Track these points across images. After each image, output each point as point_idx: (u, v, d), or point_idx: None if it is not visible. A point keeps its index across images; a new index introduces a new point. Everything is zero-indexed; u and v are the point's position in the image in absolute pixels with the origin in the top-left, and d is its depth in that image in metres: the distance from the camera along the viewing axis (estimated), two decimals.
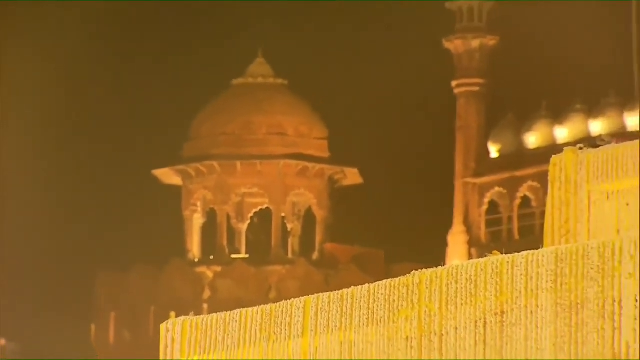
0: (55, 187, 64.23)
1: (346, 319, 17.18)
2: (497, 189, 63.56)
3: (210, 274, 63.39)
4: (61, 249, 64.71)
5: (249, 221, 65.62)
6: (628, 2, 52.21)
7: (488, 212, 63.75)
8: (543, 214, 20.45)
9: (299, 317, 17.58)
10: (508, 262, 16.16)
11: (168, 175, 65.89)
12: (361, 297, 17.21)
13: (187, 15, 68.77)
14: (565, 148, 20.39)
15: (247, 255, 64.91)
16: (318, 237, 65.45)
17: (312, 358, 17.36)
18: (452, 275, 16.66)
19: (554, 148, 27.20)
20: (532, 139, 62.25)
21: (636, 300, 14.99)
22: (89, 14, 64.15)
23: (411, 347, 16.55)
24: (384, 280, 17.34)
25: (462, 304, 16.26)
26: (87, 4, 62.80)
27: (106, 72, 67.85)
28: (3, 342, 61.92)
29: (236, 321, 18.25)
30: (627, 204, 18.89)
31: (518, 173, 61.82)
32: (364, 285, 17.47)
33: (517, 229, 61.01)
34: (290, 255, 64.92)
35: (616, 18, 54.84)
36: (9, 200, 60.25)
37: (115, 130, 65.25)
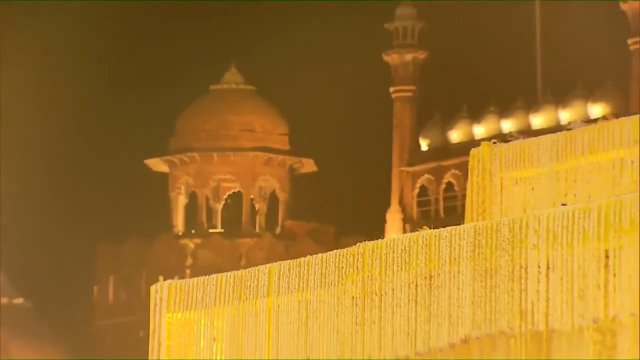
0: (60, 174, 63.76)
1: (303, 282, 17.14)
2: (426, 176, 63.55)
3: (192, 245, 63.29)
4: (68, 225, 64.38)
5: (223, 202, 65.47)
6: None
7: (419, 195, 63.71)
8: (464, 196, 20.42)
9: (265, 280, 17.53)
10: (435, 235, 16.16)
11: (157, 164, 65.76)
12: (315, 264, 17.18)
13: (172, 29, 68.43)
14: (482, 143, 20.36)
15: (222, 230, 64.74)
16: (280, 215, 65.38)
17: (275, 314, 17.31)
18: (390, 246, 16.63)
19: (473, 143, 27.18)
20: (455, 135, 62.25)
21: (539, 267, 14.97)
22: (88, 16, 63.34)
23: (356, 305, 16.49)
24: (334, 251, 17.29)
25: (397, 270, 16.22)
26: (87, 10, 61.67)
27: (103, 73, 67.39)
28: (21, 300, 61.69)
29: (213, 284, 18.19)
30: (532, 188, 18.88)
31: (443, 163, 61.81)
32: (317, 255, 17.42)
33: (442, 209, 60.97)
34: (257, 230, 64.82)
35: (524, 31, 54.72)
36: (16, 188, 59.88)
37: (111, 125, 64.98)
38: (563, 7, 55.15)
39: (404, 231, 56.48)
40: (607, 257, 14.61)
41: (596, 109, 56.01)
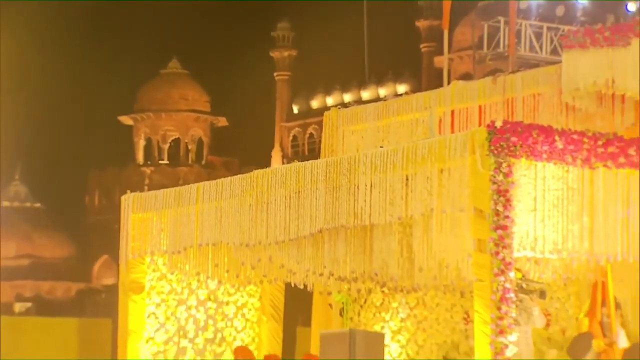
0: (60, 118, 62.22)
1: (218, 195, 16.96)
2: (296, 129, 63.72)
3: (148, 171, 63.08)
4: (69, 155, 63.55)
5: (168, 144, 65.22)
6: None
7: (292, 140, 63.89)
8: (320, 142, 20.35)
9: (194, 193, 17.37)
10: (302, 166, 16.06)
11: (125, 120, 65.52)
12: (226, 184, 17.08)
13: (137, 28, 67.24)
14: (331, 108, 20.36)
15: (167, 162, 64.54)
16: (204, 153, 65.27)
17: (200, 215, 17.17)
18: (273, 172, 16.55)
19: (326, 108, 27.16)
20: (314, 103, 62.53)
21: (365, 186, 14.86)
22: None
23: (252, 211, 16.36)
24: (238, 175, 17.23)
25: (278, 187, 16.11)
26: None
27: (89, 46, 65.23)
28: (39, 204, 61.10)
29: (161, 195, 18.08)
30: (362, 137, 18.74)
31: (307, 121, 61.99)
32: (227, 177, 17.37)
33: (307, 149, 61.17)
34: (189, 162, 64.63)
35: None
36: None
37: (94, 90, 63.65)
38: (384, 19, 54.81)
39: (282, 163, 56.61)
40: (407, 179, 14.67)
41: (401, 88, 56.42)
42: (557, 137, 14.15)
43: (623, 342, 14.77)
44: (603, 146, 14.37)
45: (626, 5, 38.68)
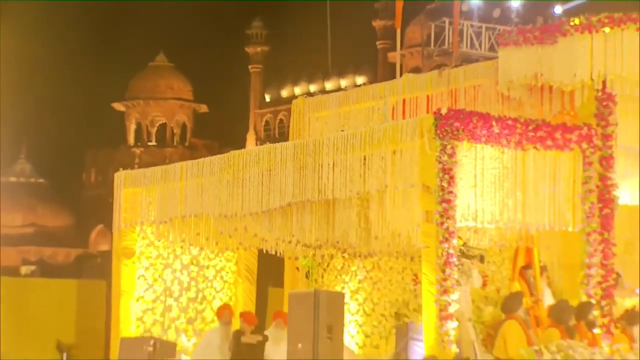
0: (61, 103, 61.17)
1: (200, 172, 16.87)
2: (268, 115, 63.63)
3: (138, 152, 62.80)
4: (68, 136, 63.04)
5: (156, 128, 65.01)
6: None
7: (264, 125, 63.78)
8: (289, 126, 20.20)
9: (178, 171, 17.25)
10: (273, 147, 16.01)
11: (118, 106, 65.23)
12: (207, 163, 16.99)
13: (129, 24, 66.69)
14: (299, 97, 20.34)
15: (155, 143, 64.37)
16: (188, 136, 65.14)
17: (184, 190, 17.00)
18: (248, 153, 16.49)
19: (294, 97, 27.15)
20: (284, 93, 62.38)
21: (328, 165, 14.85)
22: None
23: (229, 186, 16.25)
24: (217, 155, 17.23)
25: (252, 166, 16.01)
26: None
27: (89, 37, 64.02)
28: (42, 180, 60.77)
29: (150, 173, 17.94)
30: (326, 123, 18.66)
31: (278, 108, 61.84)
32: (207, 158, 17.31)
33: (277, 133, 61.03)
34: (175, 144, 64.48)
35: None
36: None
37: (91, 80, 63.01)
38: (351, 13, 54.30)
39: (256, 145, 56.57)
40: (364, 159, 14.66)
41: (360, 79, 56.35)
42: (494, 123, 14.20)
43: (549, 300, 14.91)
44: (533, 131, 14.45)
45: (553, 8, 38.96)
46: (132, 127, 64.88)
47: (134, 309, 17.64)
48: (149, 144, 64.30)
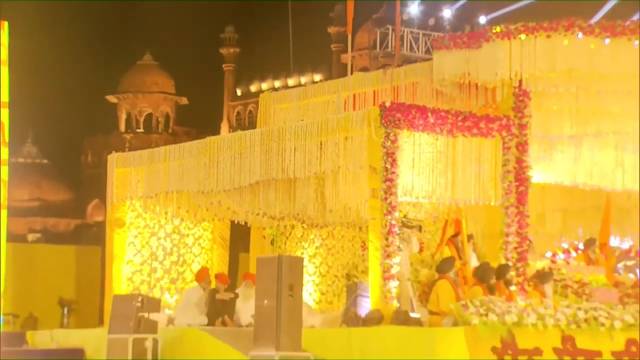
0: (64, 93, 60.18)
1: (181, 155, 16.75)
2: (239, 107, 63.35)
3: (128, 137, 62.32)
4: (69, 122, 62.38)
5: (143, 117, 64.53)
6: None
7: (236, 115, 63.50)
8: (257, 116, 19.94)
9: (162, 154, 17.08)
10: (243, 134, 15.93)
11: (111, 98, 64.64)
12: (187, 147, 16.83)
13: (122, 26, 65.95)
14: (265, 92, 20.22)
15: (143, 130, 63.90)
16: (171, 124, 64.72)
17: (167, 170, 16.85)
18: (222, 139, 16.37)
19: (261, 91, 26.85)
20: (253, 88, 62.09)
21: (291, 149, 14.77)
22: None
23: (206, 167, 16.15)
24: (196, 140, 17.07)
25: (225, 150, 15.89)
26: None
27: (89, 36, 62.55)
28: (46, 160, 60.17)
29: (138, 155, 17.79)
30: (288, 113, 18.51)
31: (247, 101, 61.65)
32: (187, 143, 17.18)
33: (247, 122, 60.76)
34: (160, 131, 64.04)
35: None
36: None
37: (88, 76, 62.13)
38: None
39: (229, 132, 56.36)
40: (320, 144, 14.59)
41: (317, 77, 56.24)
42: (429, 114, 14.25)
43: (474, 262, 15.00)
44: (462, 121, 14.48)
45: (479, 18, 39.19)
46: (123, 117, 64.39)
47: (125, 271, 17.54)
48: (138, 130, 63.84)
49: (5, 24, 16.75)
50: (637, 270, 15.42)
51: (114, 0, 60.10)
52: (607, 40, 14.57)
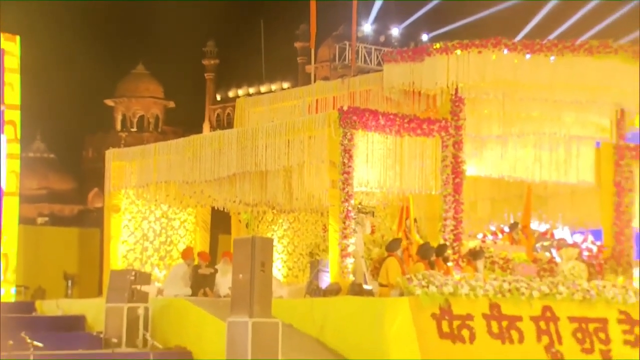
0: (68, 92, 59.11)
1: (169, 150, 16.59)
2: (219, 110, 62.83)
3: (123, 136, 61.55)
4: (71, 121, 61.52)
5: (137, 118, 63.88)
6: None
7: (216, 117, 63.03)
8: (230, 117, 19.96)
9: (153, 150, 16.90)
10: (222, 133, 15.84)
11: (109, 102, 63.87)
12: (174, 144, 16.74)
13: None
14: (241, 97, 20.13)
15: (136, 130, 63.25)
16: (160, 124, 64.15)
17: (158, 164, 16.60)
18: (204, 138, 16.20)
19: (238, 97, 26.64)
20: (230, 93, 61.62)
21: (263, 146, 14.68)
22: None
23: (190, 161, 16.03)
24: (181, 138, 16.85)
25: (207, 146, 15.74)
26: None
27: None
28: (52, 155, 59.44)
29: (132, 151, 17.74)
30: (261, 116, 18.36)
31: (226, 105, 61.17)
32: (174, 140, 17.03)
33: (226, 123, 60.34)
34: (150, 130, 63.36)
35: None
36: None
37: (90, 82, 61.06)
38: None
39: (210, 131, 56.05)
40: (288, 142, 14.44)
41: (285, 84, 55.95)
42: (380, 117, 14.28)
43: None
44: (407, 122, 14.53)
45: (421, 36, 39.48)
46: (119, 118, 63.61)
47: (120, 250, 17.40)
48: (131, 130, 63.09)
49: (18, 38, 16.88)
50: (552, 250, 15.56)
51: (114, 13, 59.50)
52: (528, 56, 14.74)
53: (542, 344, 12.30)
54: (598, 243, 15.67)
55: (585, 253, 15.41)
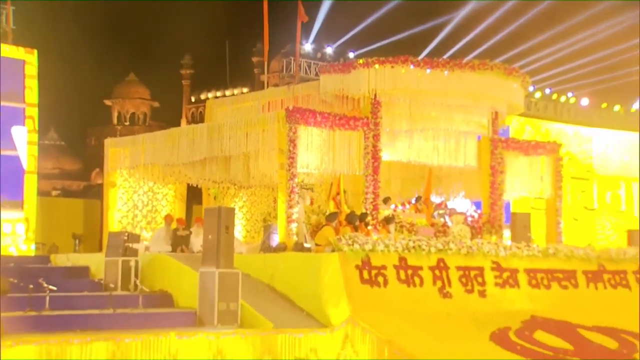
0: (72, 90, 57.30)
1: (154, 140, 16.26)
2: (193, 109, 61.63)
3: (119, 128, 59.98)
4: (75, 116, 59.78)
5: (129, 114, 62.47)
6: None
7: (191, 115, 61.82)
8: (203, 114, 19.65)
9: (141, 139, 16.61)
10: (196, 126, 15.54)
11: (108, 102, 62.30)
12: (158, 135, 16.43)
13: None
14: (210, 98, 19.81)
15: (128, 124, 61.82)
16: (148, 120, 62.80)
17: (150, 151, 16.20)
18: (182, 130, 16.03)
19: (208, 99, 26.28)
20: (202, 96, 60.50)
21: (227, 137, 14.49)
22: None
23: (172, 149, 15.73)
24: (164, 130, 16.62)
25: (184, 137, 15.46)
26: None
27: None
28: (63, 142, 57.80)
29: (127, 140, 17.36)
30: (226, 114, 17.92)
31: (199, 105, 60.08)
32: (158, 132, 16.72)
33: (199, 119, 59.21)
34: (139, 124, 62.06)
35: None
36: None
37: (93, 83, 59.18)
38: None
39: (186, 125, 54.93)
40: (247, 134, 14.33)
41: (245, 89, 55.19)
42: (317, 115, 14.20)
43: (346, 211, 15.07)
44: (338, 120, 14.48)
45: (349, 53, 39.60)
46: (115, 114, 62.15)
47: (116, 216, 17.14)
48: (125, 124, 61.74)
49: (35, 51, 16.88)
50: (446, 216, 15.83)
51: (112, 31, 57.95)
52: (429, 70, 14.92)
53: (437, 286, 12.61)
54: (478, 211, 16.09)
55: (469, 219, 15.83)
